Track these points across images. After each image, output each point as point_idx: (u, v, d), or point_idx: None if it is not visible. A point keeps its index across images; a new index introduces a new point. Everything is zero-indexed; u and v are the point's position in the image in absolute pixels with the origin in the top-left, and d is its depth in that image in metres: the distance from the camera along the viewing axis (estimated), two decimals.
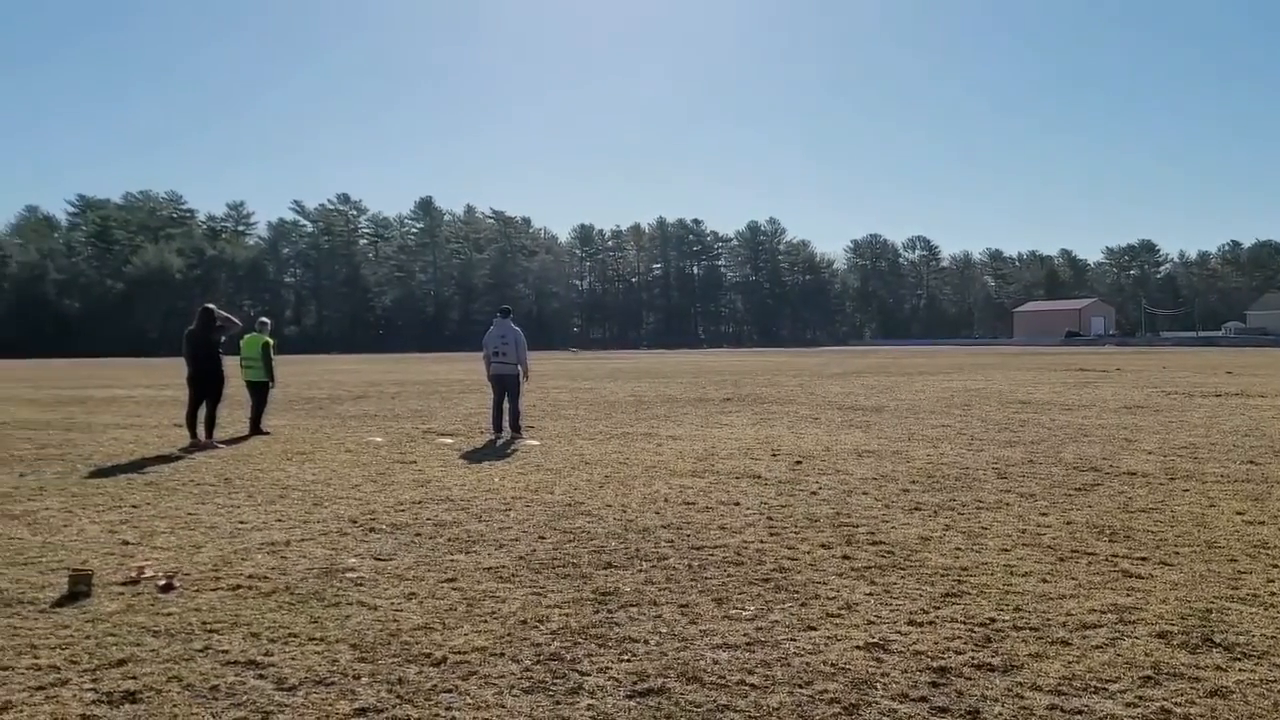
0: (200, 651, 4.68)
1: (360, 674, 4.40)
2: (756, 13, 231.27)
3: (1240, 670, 4.36)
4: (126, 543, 7.08)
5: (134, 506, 8.53)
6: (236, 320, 13.97)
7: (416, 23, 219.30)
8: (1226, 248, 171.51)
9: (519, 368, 14.41)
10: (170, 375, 17.11)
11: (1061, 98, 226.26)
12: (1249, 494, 8.76)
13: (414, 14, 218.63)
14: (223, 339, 13.49)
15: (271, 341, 14.86)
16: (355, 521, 7.82)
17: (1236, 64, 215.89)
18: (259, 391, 14.61)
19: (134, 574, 5.97)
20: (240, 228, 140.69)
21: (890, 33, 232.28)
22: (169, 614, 5.25)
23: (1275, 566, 6.17)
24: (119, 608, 5.38)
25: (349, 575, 6.10)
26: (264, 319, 15.49)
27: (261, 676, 4.37)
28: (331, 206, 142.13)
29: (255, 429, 14.25)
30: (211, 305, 13.65)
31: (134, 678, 4.34)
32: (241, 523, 7.81)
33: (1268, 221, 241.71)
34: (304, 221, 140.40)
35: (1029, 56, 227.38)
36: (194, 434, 12.95)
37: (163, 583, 5.78)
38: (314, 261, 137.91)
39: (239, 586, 5.83)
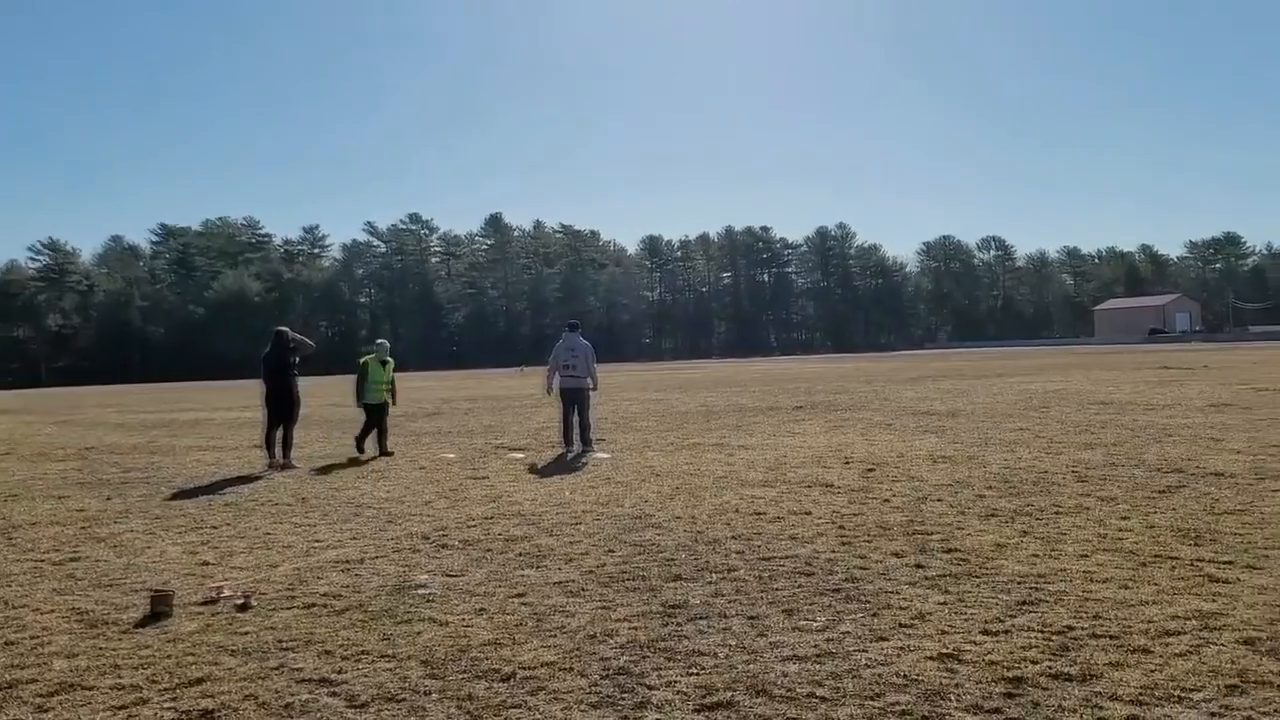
0: (275, 670, 4.78)
1: (430, 690, 4.45)
2: (820, 12, 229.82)
3: None
4: (206, 563, 7.28)
5: (213, 527, 8.77)
6: (310, 342, 14.27)
7: (482, 43, 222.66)
8: None
9: (588, 380, 14.48)
10: (250, 398, 17.66)
11: (1137, 89, 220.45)
12: None
13: (480, 35, 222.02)
14: (297, 360, 13.79)
15: (392, 361, 15.09)
16: (427, 538, 7.93)
17: None
18: (384, 413, 14.66)
19: (212, 594, 6.13)
20: (315, 250, 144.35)
21: (966, 25, 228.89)
22: (245, 633, 5.38)
23: None
24: (198, 627, 5.53)
25: (420, 592, 6.18)
26: (382, 340, 15.61)
27: (334, 694, 4.45)
28: (403, 226, 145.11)
29: (384, 449, 14.25)
30: (285, 328, 13.98)
31: (211, 696, 4.45)
32: (316, 541, 7.97)
33: None
34: (376, 242, 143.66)
35: (1097, 51, 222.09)
36: (271, 454, 13.27)
37: (240, 602, 5.92)
38: (387, 281, 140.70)
39: (313, 605, 5.95)
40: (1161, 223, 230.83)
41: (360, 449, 14.13)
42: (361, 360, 14.87)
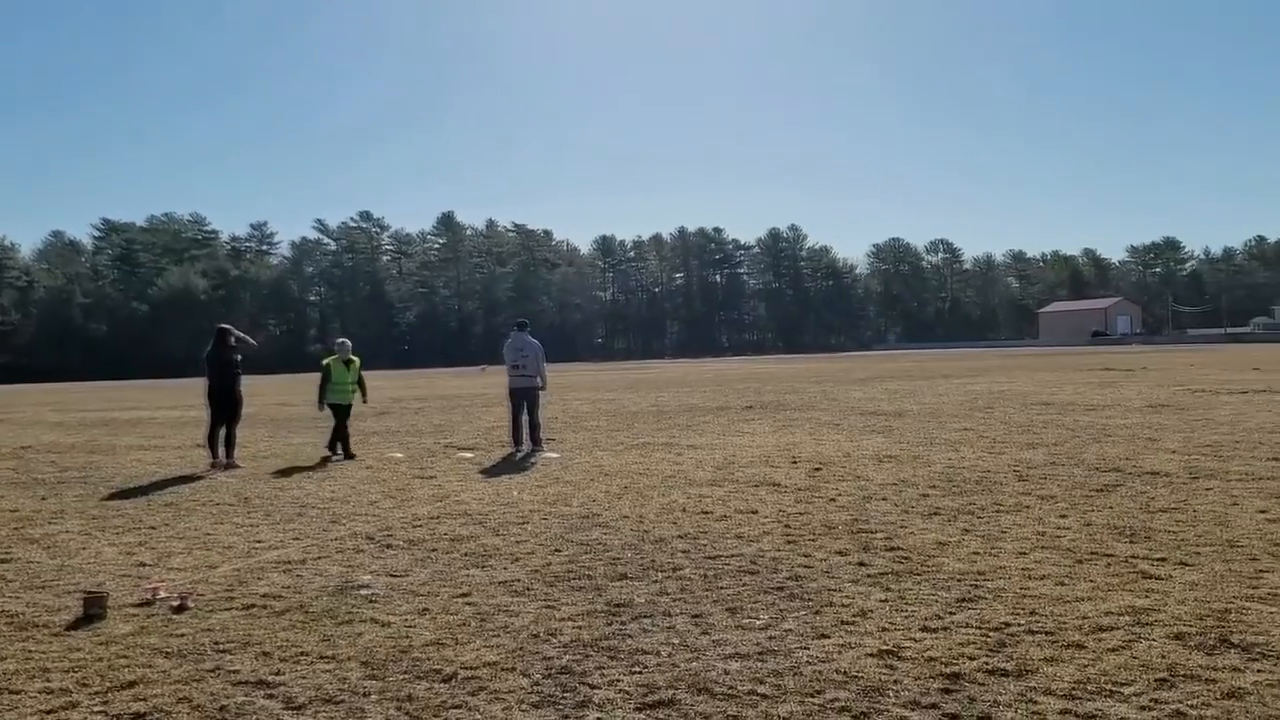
0: (211, 672, 4.70)
1: (369, 692, 4.40)
2: (772, 15, 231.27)
3: (1257, 671, 4.28)
4: (143, 564, 7.13)
5: (152, 528, 8.60)
6: (252, 340, 14.02)
7: (434, 41, 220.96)
8: (1252, 243, 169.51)
9: (538, 379, 14.43)
10: (194, 396, 17.32)
11: (1083, 95, 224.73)
12: (1273, 492, 8.62)
13: (432, 33, 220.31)
14: (239, 358, 13.56)
15: (356, 360, 14.66)
16: (371, 538, 7.84)
17: (1256, 60, 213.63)
18: (347, 414, 14.16)
19: (148, 595, 6.00)
20: (263, 247, 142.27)
21: (915, 28, 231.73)
22: (181, 635, 5.28)
23: None
24: (132, 629, 5.41)
25: (362, 592, 6.11)
26: (344, 340, 15.11)
27: (271, 696, 4.38)
28: (354, 224, 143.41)
29: (348, 452, 13.72)
30: (227, 325, 13.73)
31: (143, 699, 4.36)
32: (258, 542, 7.85)
33: None
34: (326, 240, 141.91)
35: (1046, 55, 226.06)
36: (214, 454, 13.04)
37: (176, 604, 5.81)
38: (337, 280, 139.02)
39: (252, 606, 5.86)
40: (1104, 227, 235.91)
41: (333, 451, 13.79)
42: (324, 362, 14.54)
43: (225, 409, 13.19)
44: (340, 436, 13.95)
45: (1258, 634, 4.76)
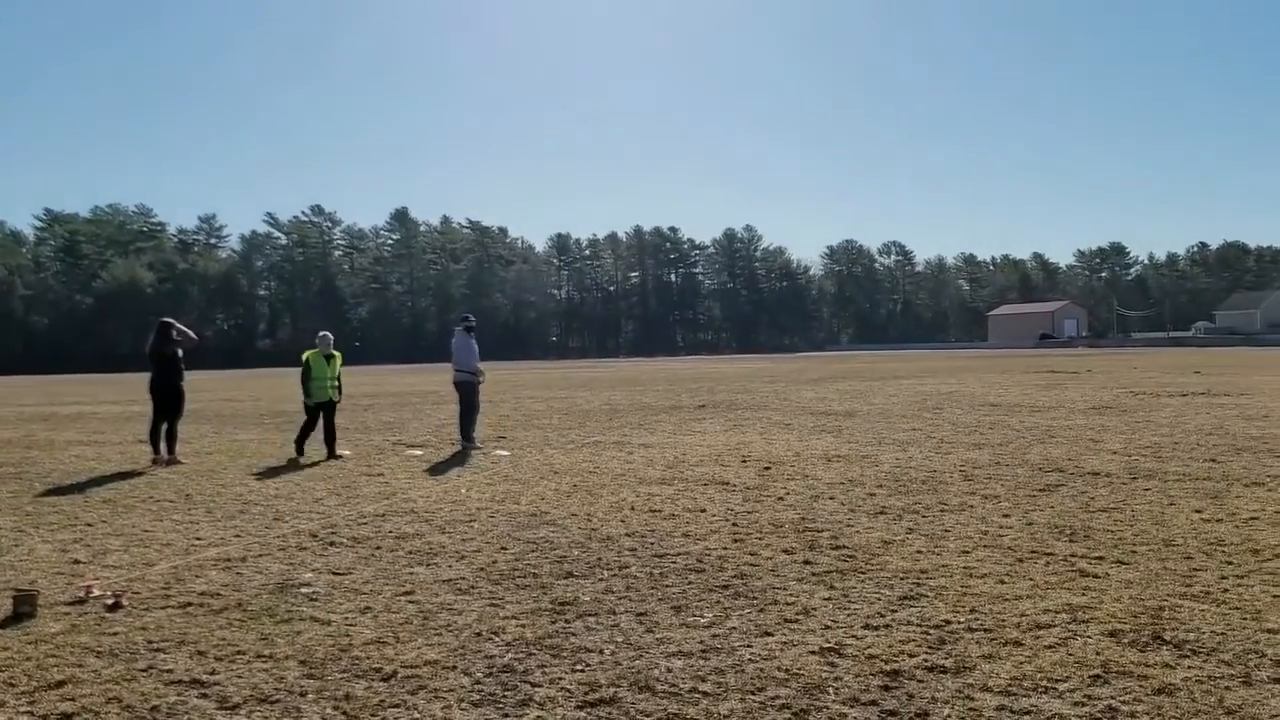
0: (143, 671, 4.60)
1: (307, 691, 4.33)
2: (731, 18, 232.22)
3: (1188, 667, 4.36)
4: (77, 562, 6.97)
5: (88, 525, 8.40)
6: (194, 335, 13.70)
7: (387, 37, 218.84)
8: (1195, 249, 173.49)
9: (476, 376, 14.49)
10: (138, 391, 16.90)
11: (1032, 101, 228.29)
12: (1208, 492, 8.81)
13: (385, 28, 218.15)
14: (181, 354, 13.29)
15: (338, 356, 14.09)
16: (315, 536, 7.73)
17: (1200, 69, 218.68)
18: (330, 411, 13.54)
19: (81, 593, 5.86)
20: (212, 240, 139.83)
21: (868, 35, 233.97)
22: (114, 634, 5.16)
23: (1229, 563, 6.20)
24: (63, 628, 5.28)
25: (304, 590, 6.02)
26: (325, 333, 14.37)
27: (204, 696, 4.29)
28: (305, 219, 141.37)
29: (332, 452, 13.09)
30: (169, 319, 13.45)
31: (72, 699, 4.25)
32: (198, 539, 7.71)
33: (1236, 222, 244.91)
34: (277, 234, 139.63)
35: (996, 62, 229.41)
36: (156, 450, 12.79)
37: (110, 602, 5.68)
38: (288, 274, 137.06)
39: (189, 604, 5.74)
40: (1053, 232, 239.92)
41: (300, 452, 12.98)
42: (304, 356, 13.80)
43: (168, 404, 12.94)
44: (326, 436, 13.24)
45: (1189, 631, 4.85)
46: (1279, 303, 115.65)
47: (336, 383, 13.86)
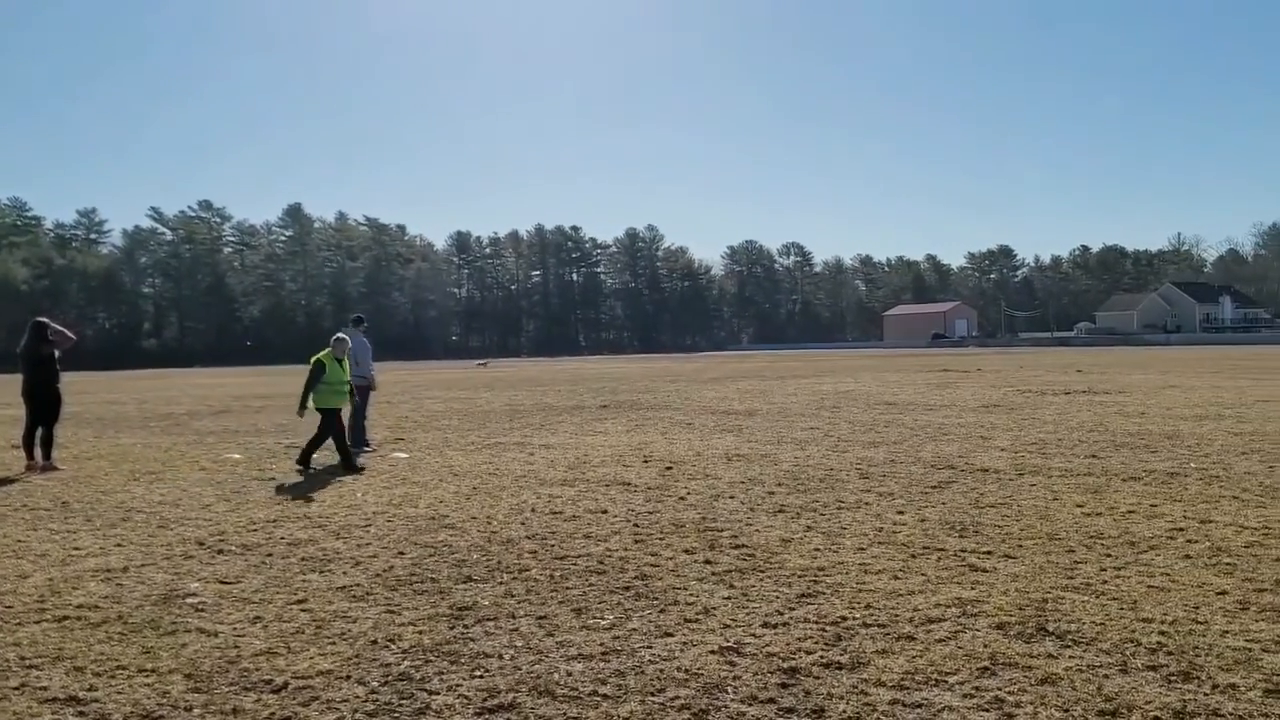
0: (15, 690, 4.36)
1: (193, 705, 4.17)
2: (634, 16, 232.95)
3: (1070, 658, 4.53)
4: None
5: None
6: (70, 334, 13.06)
7: (282, 26, 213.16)
8: (1077, 252, 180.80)
9: (367, 377, 14.21)
10: (10, 394, 16.00)
11: (930, 100, 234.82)
12: (1089, 487, 9.18)
13: (280, 19, 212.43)
14: (58, 354, 12.67)
15: (346, 358, 12.77)
16: (203, 544, 7.46)
17: (1086, 78, 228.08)
18: (340, 416, 12.28)
19: None
20: (92, 236, 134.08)
21: (772, 31, 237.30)
22: None
23: (1108, 556, 6.47)
24: None
25: (190, 601, 5.80)
26: (341, 335, 12.93)
27: (81, 714, 4.10)
28: (193, 214, 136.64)
29: (349, 464, 11.76)
30: (44, 319, 12.82)
31: None
32: (76, 549, 7.36)
33: (1115, 226, 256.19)
34: (163, 229, 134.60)
35: (893, 71, 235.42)
36: (30, 455, 12.17)
37: None
38: (174, 271, 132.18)
39: (66, 618, 5.48)
40: (946, 234, 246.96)
41: (307, 464, 11.80)
42: (316, 358, 12.30)
43: (43, 407, 12.33)
44: (339, 446, 11.97)
45: (1071, 622, 5.03)
46: (1154, 304, 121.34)
47: (349, 387, 12.62)
